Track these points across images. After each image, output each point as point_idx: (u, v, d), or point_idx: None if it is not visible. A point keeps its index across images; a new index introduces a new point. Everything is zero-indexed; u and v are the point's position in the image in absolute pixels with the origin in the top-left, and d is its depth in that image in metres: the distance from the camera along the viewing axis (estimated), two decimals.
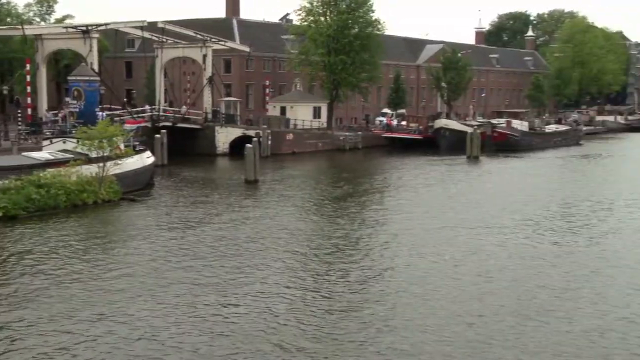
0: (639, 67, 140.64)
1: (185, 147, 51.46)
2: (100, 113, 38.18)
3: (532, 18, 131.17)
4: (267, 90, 67.27)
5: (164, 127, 49.89)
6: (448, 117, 72.20)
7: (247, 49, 60.98)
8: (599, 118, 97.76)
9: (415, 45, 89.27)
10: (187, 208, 30.80)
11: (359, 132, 65.46)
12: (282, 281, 19.07)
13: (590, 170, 49.96)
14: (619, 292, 18.30)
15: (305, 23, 62.75)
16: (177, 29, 55.73)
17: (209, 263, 20.82)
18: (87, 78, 36.05)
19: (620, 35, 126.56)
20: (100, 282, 18.61)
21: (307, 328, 15.46)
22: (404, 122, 68.56)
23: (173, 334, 14.90)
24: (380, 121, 68.96)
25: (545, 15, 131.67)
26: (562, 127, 76.29)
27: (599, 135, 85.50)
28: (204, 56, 55.99)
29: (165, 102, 58.13)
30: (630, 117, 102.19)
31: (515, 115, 76.10)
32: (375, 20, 63.49)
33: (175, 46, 57.57)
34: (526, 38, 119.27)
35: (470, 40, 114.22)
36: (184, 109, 56.33)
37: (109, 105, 49.32)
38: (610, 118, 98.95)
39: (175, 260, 21.06)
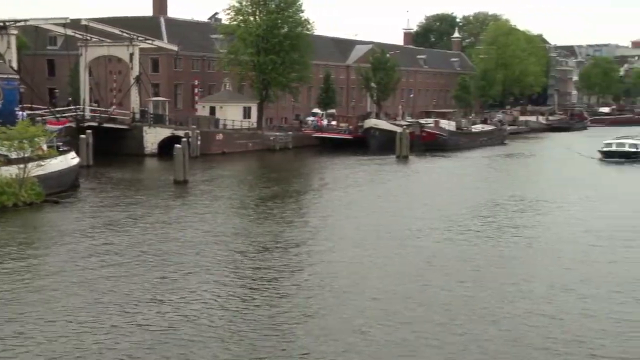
0: (558, 69, 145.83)
1: (112, 148, 50.24)
2: (20, 112, 36.80)
3: (458, 20, 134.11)
4: (196, 90, 66.36)
5: (89, 127, 48.53)
6: (378, 117, 72.98)
7: (175, 48, 59.98)
8: (522, 118, 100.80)
9: (344, 46, 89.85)
10: (113, 209, 30.00)
11: (290, 132, 65.39)
12: (207, 284, 18.75)
13: (514, 169, 51.36)
14: (544, 289, 18.77)
15: (235, 22, 62.20)
16: (102, 27, 54.31)
17: (133, 268, 20.27)
18: (5, 76, 34.75)
19: (540, 38, 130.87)
20: (17, 290, 17.86)
21: (231, 329, 15.26)
22: (334, 122, 68.88)
23: (97, 341, 14.44)
24: (311, 121, 69.07)
25: (471, 18, 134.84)
26: (487, 127, 78.17)
27: (522, 134, 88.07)
28: (131, 55, 54.78)
29: (91, 101, 56.57)
30: (551, 118, 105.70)
31: (443, 116, 77.60)
32: (305, 20, 63.55)
33: (100, 44, 56.09)
34: (452, 39, 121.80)
35: (399, 41, 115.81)
36: (113, 109, 54.97)
37: (29, 105, 47.61)
38: (533, 118, 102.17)
39: (97, 264, 20.43)
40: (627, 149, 51.52)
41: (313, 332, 15.21)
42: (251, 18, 62.04)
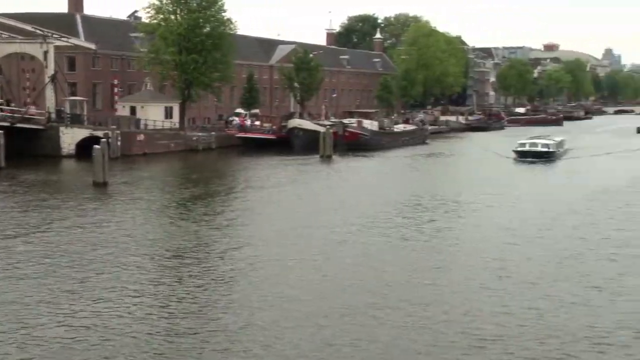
0: (476, 70, 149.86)
1: (26, 149, 48.33)
2: None
3: (379, 21, 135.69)
4: (116, 90, 64.65)
5: (0, 128, 46.51)
6: (301, 117, 72.90)
7: (92, 46, 58.23)
8: (442, 118, 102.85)
9: (267, 46, 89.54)
10: (26, 213, 28.77)
11: (213, 133, 64.60)
12: (121, 289, 18.21)
13: (435, 169, 52.30)
14: (461, 286, 19.09)
15: (155, 21, 60.94)
16: (13, 23, 52.18)
17: (45, 275, 19.46)
18: None
19: (459, 40, 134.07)
20: None
21: (150, 334, 14.90)
22: (257, 122, 68.46)
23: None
24: (235, 121, 68.43)
25: (392, 19, 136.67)
26: (409, 127, 79.31)
27: (443, 134, 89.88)
28: (45, 53, 52.84)
29: (2, 99, 54.25)
30: (470, 117, 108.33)
31: (366, 115, 78.23)
32: (228, 19, 62.92)
33: (11, 41, 53.86)
34: (374, 40, 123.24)
35: (322, 41, 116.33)
36: (32, 109, 52.82)
37: None
38: (453, 118, 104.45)
39: (4, 272, 19.53)
40: (539, 149, 52.87)
41: (229, 335, 14.98)
42: (172, 17, 60.93)
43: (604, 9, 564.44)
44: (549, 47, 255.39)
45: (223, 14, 62.48)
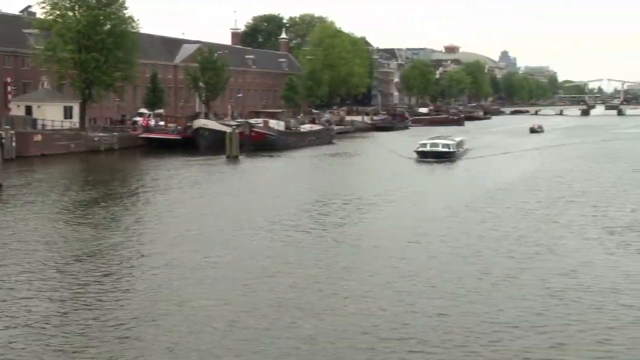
0: (381, 71, 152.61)
1: None
2: None
3: (285, 21, 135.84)
4: (10, 89, 61.70)
5: None
6: (207, 117, 72.06)
7: None
8: (348, 118, 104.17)
9: (172, 45, 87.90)
10: None
11: (115, 133, 62.79)
12: (17, 297, 17.37)
13: (340, 169, 52.67)
14: (365, 284, 19.31)
15: (51, 17, 58.54)
16: None
17: None
18: None
19: (364, 40, 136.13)
20: None
21: (38, 339, 14.32)
22: (162, 123, 67.07)
23: None
24: (136, 121, 66.80)
25: (297, 19, 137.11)
26: (316, 127, 79.68)
27: (349, 134, 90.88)
28: None
29: None
30: (375, 117, 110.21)
31: (272, 115, 78.13)
32: (129, 17, 61.31)
33: None
34: (280, 40, 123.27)
35: (227, 40, 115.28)
36: None
37: None
38: (359, 118, 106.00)
39: None
40: (440, 149, 53.63)
41: (127, 339, 14.58)
42: (70, 13, 58.74)
43: (501, 13, 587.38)
44: (450, 49, 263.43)
45: (124, 11, 60.88)
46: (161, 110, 71.49)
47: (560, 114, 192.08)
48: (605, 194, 35.25)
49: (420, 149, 54.10)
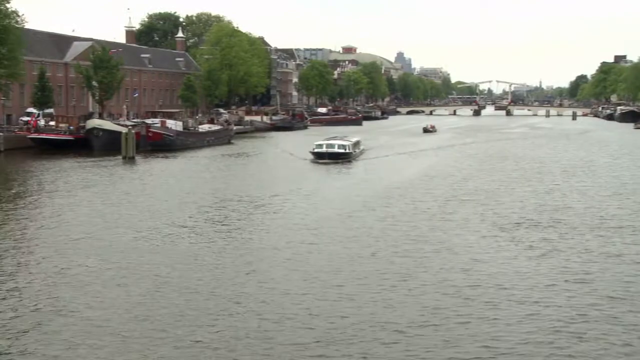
0: (279, 71, 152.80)
1: None
2: None
3: (181, 19, 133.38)
4: None
5: None
6: (101, 117, 69.71)
7: None
8: (247, 118, 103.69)
9: (62, 42, 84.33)
10: None
11: (0, 134, 59.57)
12: None
13: (238, 170, 52.10)
14: (264, 289, 19.15)
15: None
16: None
17: None
18: None
19: (262, 40, 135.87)
20: None
21: None
22: (52, 122, 64.26)
23: None
24: (26, 121, 63.68)
25: (194, 18, 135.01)
26: (214, 127, 78.82)
27: (248, 134, 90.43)
28: None
29: None
30: (274, 117, 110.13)
31: (170, 115, 76.48)
32: (13, 12, 58.30)
33: None
34: (177, 39, 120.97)
35: (121, 39, 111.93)
36: None
37: None
38: (258, 118, 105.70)
39: None
40: (336, 149, 53.23)
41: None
42: None
43: (396, 17, 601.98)
44: (348, 50, 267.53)
45: (7, 5, 57.86)
46: (51, 110, 68.51)
47: (454, 114, 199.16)
48: (496, 192, 36.63)
49: (315, 150, 53.53)
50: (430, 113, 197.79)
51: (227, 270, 20.51)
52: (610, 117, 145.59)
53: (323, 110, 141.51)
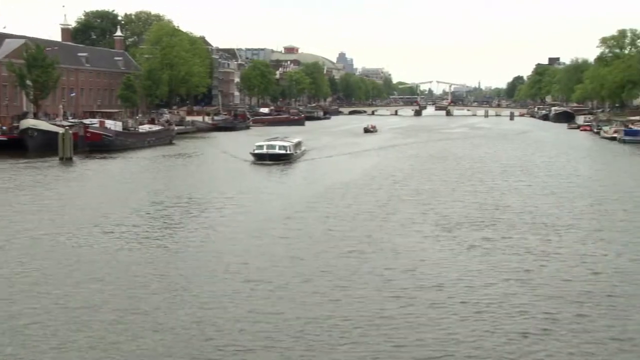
0: (221, 70, 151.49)
1: None
2: None
3: (119, 18, 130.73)
4: None
5: None
6: (36, 117, 67.70)
7: None
8: (189, 118, 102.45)
9: None
10: None
11: None
12: None
13: (178, 171, 51.14)
14: (206, 292, 18.86)
15: None
16: None
17: None
18: None
19: (203, 40, 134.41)
20: None
21: None
22: None
23: None
24: None
25: (133, 17, 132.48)
26: (155, 127, 77.61)
27: (189, 134, 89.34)
28: None
29: None
30: (216, 118, 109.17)
31: (109, 116, 74.97)
32: None
33: None
34: (115, 38, 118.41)
35: (57, 37, 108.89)
36: None
37: None
38: (199, 118, 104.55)
39: None
40: (277, 150, 52.23)
41: None
42: None
43: (337, 17, 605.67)
44: (290, 50, 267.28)
45: None
46: None
47: (396, 114, 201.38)
48: (438, 192, 36.98)
49: (256, 151, 52.44)
50: (372, 113, 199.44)
51: (166, 274, 20.06)
52: (545, 118, 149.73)
53: (265, 110, 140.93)
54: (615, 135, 79.95)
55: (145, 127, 75.61)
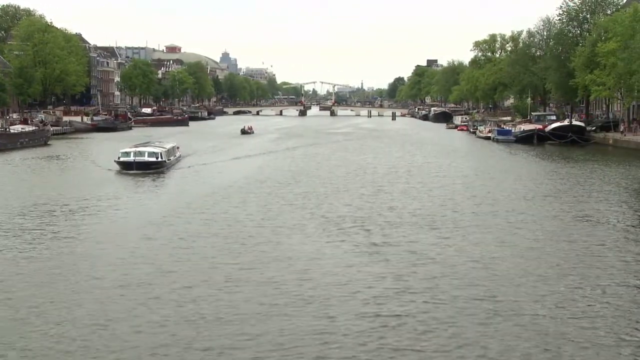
0: (100, 69, 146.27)
1: None
2: None
3: None
4: None
5: None
6: None
7: None
8: (66, 118, 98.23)
9: None
10: None
11: None
12: None
13: (58, 171, 48.78)
14: (88, 303, 17.69)
15: None
16: None
17: None
18: None
19: (79, 37, 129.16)
20: None
21: None
22: None
23: None
24: None
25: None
26: (28, 128, 73.88)
27: (67, 135, 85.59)
28: None
29: None
30: (96, 118, 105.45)
31: None
32: None
33: None
34: None
35: None
36: None
37: None
38: (77, 118, 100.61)
39: None
40: (146, 158, 45.31)
41: None
42: None
43: (220, 16, 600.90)
44: (172, 49, 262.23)
45: None
46: None
47: (281, 114, 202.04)
48: (325, 196, 36.69)
49: (122, 159, 45.03)
50: (257, 113, 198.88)
51: (41, 283, 18.65)
52: (425, 118, 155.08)
53: (148, 110, 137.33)
54: (489, 134, 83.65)
55: (17, 128, 71.98)
